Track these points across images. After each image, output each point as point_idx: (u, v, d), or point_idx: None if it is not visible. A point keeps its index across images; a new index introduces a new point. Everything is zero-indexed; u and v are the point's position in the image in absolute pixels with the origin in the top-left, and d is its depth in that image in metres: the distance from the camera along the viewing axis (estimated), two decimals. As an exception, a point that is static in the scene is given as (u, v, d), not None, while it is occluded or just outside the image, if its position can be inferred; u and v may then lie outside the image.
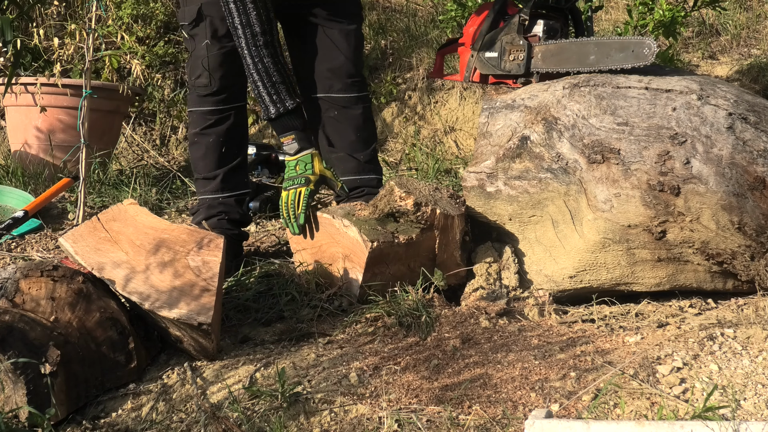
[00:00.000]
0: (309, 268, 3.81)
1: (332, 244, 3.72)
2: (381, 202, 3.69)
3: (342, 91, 4.28)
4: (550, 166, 3.54)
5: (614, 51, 3.66)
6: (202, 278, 3.31)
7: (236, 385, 3.13)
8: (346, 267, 3.68)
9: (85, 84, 5.15)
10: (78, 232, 3.52)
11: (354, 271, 3.65)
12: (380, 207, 3.69)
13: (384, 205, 3.67)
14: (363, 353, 3.27)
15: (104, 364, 3.25)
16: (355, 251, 3.62)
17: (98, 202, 5.64)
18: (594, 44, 3.73)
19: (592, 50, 3.72)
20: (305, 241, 3.84)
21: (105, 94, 6.11)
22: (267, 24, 3.92)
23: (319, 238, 3.79)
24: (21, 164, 6.19)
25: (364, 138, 4.34)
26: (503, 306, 3.50)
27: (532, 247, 3.64)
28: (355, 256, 3.62)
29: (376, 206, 3.71)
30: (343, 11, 4.29)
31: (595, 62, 3.70)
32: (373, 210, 3.71)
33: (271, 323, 3.67)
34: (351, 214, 3.71)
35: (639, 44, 3.61)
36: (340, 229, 3.65)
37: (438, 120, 7.02)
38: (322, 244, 3.77)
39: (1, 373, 3.06)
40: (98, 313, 3.27)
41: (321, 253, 3.79)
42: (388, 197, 3.67)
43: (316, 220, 3.80)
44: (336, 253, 3.72)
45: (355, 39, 4.34)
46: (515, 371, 3.01)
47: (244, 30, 3.89)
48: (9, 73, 6.26)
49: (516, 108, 3.73)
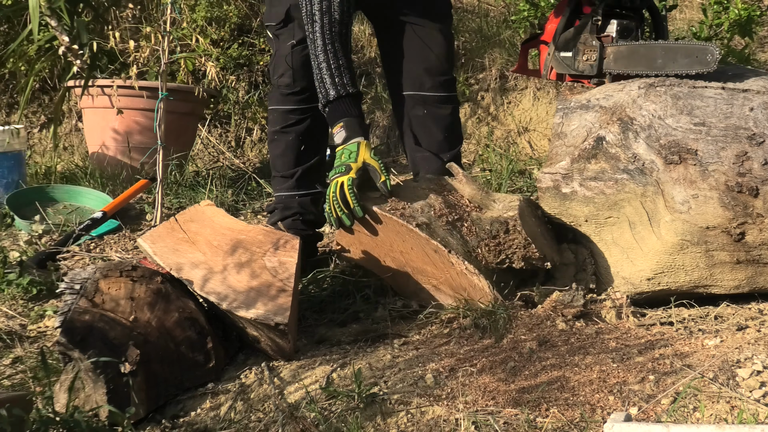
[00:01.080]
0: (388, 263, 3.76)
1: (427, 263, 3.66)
2: (514, 254, 3.60)
3: (433, 89, 4.25)
4: (627, 166, 3.51)
5: (680, 56, 3.63)
6: (279, 279, 3.33)
7: (313, 385, 3.14)
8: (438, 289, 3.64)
9: (161, 86, 5.19)
10: (156, 233, 3.54)
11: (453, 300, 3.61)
12: (512, 259, 3.59)
13: (516, 259, 3.59)
14: (439, 355, 3.26)
15: (183, 363, 3.28)
16: (473, 293, 3.54)
17: (175, 203, 5.68)
18: (661, 48, 3.70)
19: (660, 54, 3.69)
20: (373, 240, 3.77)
21: (181, 96, 6.16)
22: (346, 15, 3.90)
23: (401, 246, 3.72)
24: (99, 166, 6.26)
25: (451, 138, 4.31)
26: (580, 308, 3.48)
27: (608, 248, 3.61)
28: (468, 296, 3.57)
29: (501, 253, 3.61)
30: (435, 10, 4.28)
31: (661, 66, 3.67)
32: (497, 256, 3.60)
33: (346, 324, 3.67)
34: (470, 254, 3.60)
35: (703, 51, 3.57)
36: (458, 267, 3.55)
37: (511, 120, 6.99)
38: (410, 258, 3.70)
39: (82, 373, 3.09)
40: (177, 313, 3.30)
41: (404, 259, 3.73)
42: (524, 252, 3.59)
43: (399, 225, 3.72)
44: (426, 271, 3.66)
45: (447, 38, 4.32)
46: (593, 374, 2.99)
47: (322, 15, 3.85)
48: (86, 76, 6.35)
49: (591, 108, 3.70)
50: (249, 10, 7.71)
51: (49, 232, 5.24)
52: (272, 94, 4.41)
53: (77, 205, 5.70)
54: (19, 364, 3.69)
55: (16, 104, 7.71)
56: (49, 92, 7.89)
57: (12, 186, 5.85)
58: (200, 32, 7.28)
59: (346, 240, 3.81)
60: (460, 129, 4.43)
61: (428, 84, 4.23)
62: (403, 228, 3.62)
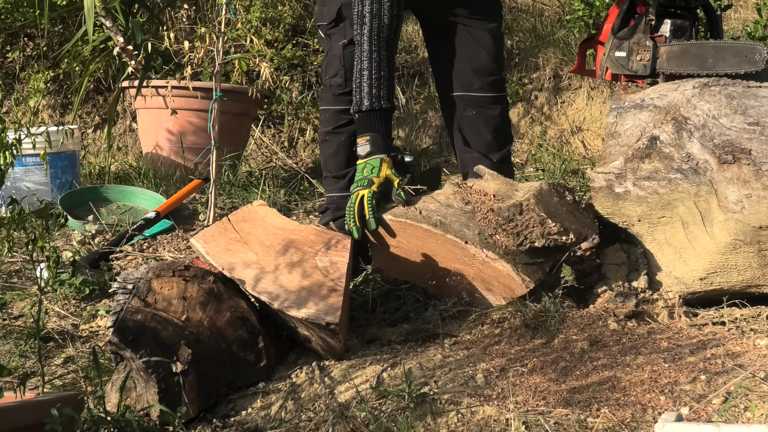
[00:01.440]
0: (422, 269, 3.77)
1: (454, 261, 3.67)
2: (531, 232, 3.59)
3: (482, 90, 4.24)
4: (680, 166, 3.50)
5: (729, 55, 3.61)
6: (330, 279, 3.34)
7: (363, 384, 3.15)
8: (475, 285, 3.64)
9: (215, 87, 5.23)
10: (209, 233, 3.57)
11: (489, 294, 3.62)
12: (530, 238, 3.59)
13: (535, 237, 3.58)
14: (489, 354, 3.26)
15: (234, 362, 3.30)
16: (500, 282, 3.57)
17: (228, 204, 5.71)
18: (711, 47, 3.68)
19: (710, 53, 3.67)
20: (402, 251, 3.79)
21: (235, 97, 6.18)
22: (396, 20, 3.90)
23: (425, 249, 3.73)
24: (152, 166, 6.31)
25: (500, 139, 4.30)
26: (632, 308, 3.46)
27: (661, 248, 3.59)
28: (501, 286, 3.57)
29: (519, 235, 3.60)
30: (486, 10, 4.27)
31: (712, 65, 3.65)
32: (515, 239, 3.60)
33: (397, 324, 3.68)
34: (488, 241, 3.62)
35: (751, 50, 3.56)
36: (478, 257, 3.59)
37: (565, 120, 6.97)
38: (438, 260, 3.71)
39: (133, 372, 3.12)
40: (229, 312, 3.32)
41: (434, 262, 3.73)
42: (541, 229, 3.58)
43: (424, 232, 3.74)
44: (453, 268, 3.67)
45: (496, 37, 4.31)
46: (644, 374, 2.98)
47: (372, 18, 3.85)
48: (140, 76, 6.40)
49: (645, 108, 3.69)
50: (303, 11, 7.74)
51: (102, 232, 5.29)
52: (324, 94, 4.42)
53: (130, 205, 5.75)
54: (71, 364, 3.73)
55: (71, 104, 7.77)
56: (104, 93, 7.96)
57: (66, 186, 5.91)
58: (254, 33, 7.31)
59: (383, 262, 3.86)
60: (510, 129, 4.41)
61: (477, 84, 4.22)
62: (418, 230, 3.65)
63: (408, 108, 7.41)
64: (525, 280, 3.51)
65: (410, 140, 7.19)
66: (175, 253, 4.86)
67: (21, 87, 7.85)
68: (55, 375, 3.65)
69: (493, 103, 4.24)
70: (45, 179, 5.88)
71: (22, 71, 7.90)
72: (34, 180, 5.87)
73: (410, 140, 7.19)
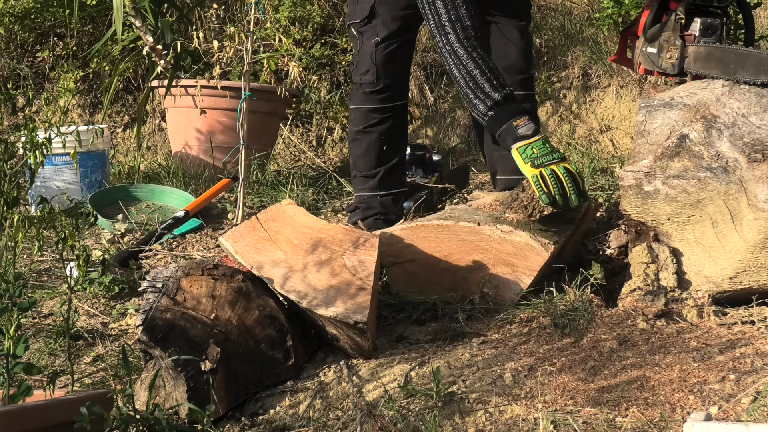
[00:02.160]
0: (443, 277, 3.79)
1: (471, 251, 3.69)
2: (538, 202, 3.63)
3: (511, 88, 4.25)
4: (710, 165, 3.49)
5: (749, 63, 3.59)
6: (358, 277, 3.34)
7: (391, 383, 3.15)
8: (495, 275, 3.66)
9: (244, 86, 5.25)
10: (238, 232, 3.58)
11: (512, 277, 3.63)
12: (538, 208, 3.63)
13: (543, 206, 3.62)
14: (518, 353, 3.26)
15: (263, 361, 3.31)
16: (522, 256, 3.60)
17: (257, 202, 5.73)
18: (734, 53, 3.65)
19: (732, 59, 3.65)
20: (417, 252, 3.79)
21: (263, 96, 6.20)
22: (476, 19, 3.86)
23: (441, 249, 3.74)
24: (182, 165, 6.33)
25: None
26: (661, 307, 3.46)
27: (690, 247, 3.58)
28: (522, 261, 3.60)
29: (527, 207, 3.66)
30: (518, 8, 4.28)
31: (733, 71, 3.63)
32: (525, 211, 3.67)
33: (425, 322, 3.68)
34: (499, 219, 3.67)
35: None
36: (494, 235, 3.61)
37: (594, 119, 6.95)
38: (456, 258, 3.72)
39: (162, 370, 3.13)
40: (257, 311, 3.33)
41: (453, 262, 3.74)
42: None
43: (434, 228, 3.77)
44: (475, 262, 3.68)
45: (525, 36, 4.32)
46: (673, 373, 2.98)
47: (453, 26, 3.78)
48: (169, 76, 6.43)
49: (674, 106, 3.68)
50: (332, 10, 7.75)
51: (132, 231, 5.32)
52: (354, 93, 4.43)
53: (160, 204, 5.78)
54: (100, 362, 3.76)
55: (100, 104, 7.81)
56: (133, 92, 7.99)
57: (95, 185, 5.94)
58: (283, 32, 7.33)
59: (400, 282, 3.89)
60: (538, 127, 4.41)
61: (507, 82, 4.22)
62: (429, 229, 3.73)
63: (436, 107, 7.42)
64: (544, 243, 3.57)
65: (438, 139, 7.19)
66: (204, 252, 4.87)
67: (51, 86, 7.89)
68: (84, 373, 3.67)
69: (522, 101, 4.22)
70: (75, 178, 5.91)
71: (52, 71, 7.95)
72: (63, 179, 5.90)
73: (438, 139, 7.19)
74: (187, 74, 6.70)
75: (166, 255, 4.87)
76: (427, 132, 7.29)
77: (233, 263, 3.53)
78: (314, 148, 7.42)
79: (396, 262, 3.82)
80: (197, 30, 6.47)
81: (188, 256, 4.80)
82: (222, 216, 5.61)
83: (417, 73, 7.48)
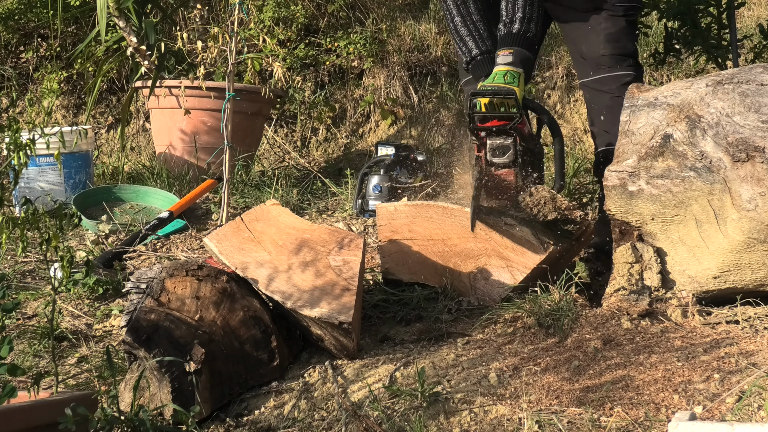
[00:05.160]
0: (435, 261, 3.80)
1: (470, 239, 3.69)
2: (544, 207, 3.66)
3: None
4: (694, 164, 3.49)
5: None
6: (343, 278, 3.34)
7: (376, 384, 3.15)
8: (488, 267, 3.66)
9: (228, 86, 5.24)
10: (222, 233, 3.58)
11: (505, 271, 3.64)
12: (543, 212, 3.66)
13: (548, 211, 3.64)
14: (502, 353, 3.27)
15: (247, 362, 3.31)
16: (520, 251, 3.60)
17: (241, 203, 5.73)
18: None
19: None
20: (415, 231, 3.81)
21: (247, 97, 6.20)
22: None
23: (439, 232, 3.76)
24: (166, 166, 6.32)
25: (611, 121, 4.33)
26: (645, 307, 3.46)
27: (675, 247, 3.58)
28: (518, 257, 3.60)
29: (532, 209, 3.68)
30: None
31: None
32: (529, 212, 3.69)
33: (410, 322, 3.68)
34: (505, 212, 3.69)
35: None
36: (496, 226, 3.63)
37: (578, 118, 6.97)
38: (453, 243, 3.74)
39: (147, 371, 3.13)
40: (242, 311, 3.33)
41: (448, 248, 3.76)
42: (552, 203, 3.67)
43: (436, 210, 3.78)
44: (471, 250, 3.70)
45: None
46: (658, 373, 2.98)
47: None
48: (153, 76, 6.41)
49: (658, 106, 3.68)
50: (316, 10, 7.75)
51: (116, 232, 5.31)
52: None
53: (144, 205, 5.77)
54: (85, 364, 3.75)
55: (84, 105, 7.80)
56: (117, 93, 7.98)
57: (79, 186, 5.93)
58: (267, 32, 7.33)
59: (393, 261, 3.89)
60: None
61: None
62: (434, 209, 3.76)
63: (420, 107, 7.42)
64: (544, 241, 3.58)
65: (423, 139, 7.19)
66: (189, 253, 4.87)
67: (35, 87, 7.88)
68: (68, 374, 3.66)
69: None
70: (59, 179, 5.89)
71: (36, 71, 7.94)
72: (47, 180, 5.89)
73: (423, 139, 7.19)
74: (171, 75, 6.69)
75: (150, 256, 4.86)
76: (412, 132, 7.30)
77: (218, 264, 3.53)
78: (299, 149, 7.42)
79: (392, 237, 3.83)
80: (181, 30, 6.44)
81: (172, 257, 4.79)
82: (206, 217, 5.61)
83: (401, 73, 7.49)
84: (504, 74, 3.83)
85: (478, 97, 3.78)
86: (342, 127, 7.54)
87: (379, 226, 3.82)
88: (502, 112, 3.77)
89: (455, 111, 7.14)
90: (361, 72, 7.69)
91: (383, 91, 7.48)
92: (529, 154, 4.00)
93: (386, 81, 7.50)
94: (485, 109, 3.78)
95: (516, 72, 3.84)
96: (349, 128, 7.54)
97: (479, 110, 3.79)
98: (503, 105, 3.76)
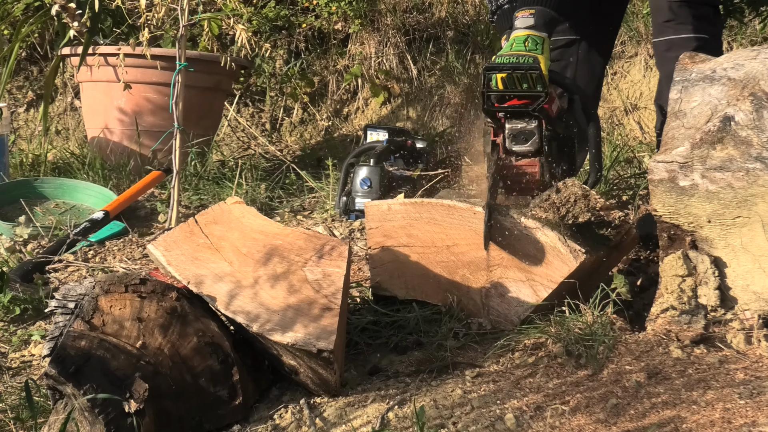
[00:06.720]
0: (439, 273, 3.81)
1: (480, 246, 3.69)
2: (575, 206, 3.67)
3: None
4: (761, 153, 3.51)
5: None
6: (323, 294, 3.36)
7: (364, 427, 3.17)
8: (504, 281, 3.68)
9: (178, 55, 5.25)
10: (171, 238, 3.59)
11: (525, 286, 3.65)
12: (573, 212, 3.67)
13: (580, 211, 3.65)
14: (521, 389, 3.28)
15: (203, 399, 3.32)
16: (542, 261, 3.61)
17: (195, 201, 5.74)
18: None
19: None
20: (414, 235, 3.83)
21: (203, 68, 6.22)
22: None
23: (445, 238, 3.77)
24: (100, 154, 6.33)
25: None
26: (700, 331, 3.48)
27: (736, 256, 3.60)
28: (542, 268, 3.61)
29: (560, 209, 3.69)
30: None
31: None
32: (557, 212, 3.69)
33: (406, 350, 3.69)
34: (525, 213, 3.69)
35: None
36: (515, 229, 3.63)
37: (617, 96, 6.99)
38: (461, 251, 3.75)
39: (76, 412, 3.14)
40: (195, 337, 3.34)
41: (455, 258, 3.77)
42: (585, 202, 3.67)
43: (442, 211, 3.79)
44: (483, 260, 3.71)
45: None
46: (715, 413, 3.00)
47: None
48: (85, 42, 6.42)
49: (717, 80, 3.70)
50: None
51: (37, 237, 5.32)
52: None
53: (72, 203, 5.78)
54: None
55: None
56: (39, 62, 8.00)
57: (-9, 180, 5.95)
58: (228, -14, 7.35)
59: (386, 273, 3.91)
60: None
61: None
62: (438, 209, 3.77)
63: (420, 81, 7.44)
64: (575, 249, 3.56)
65: (423, 122, 7.21)
66: (129, 264, 4.88)
67: (-65, 55, 7.89)
68: (-23, 416, 3.67)
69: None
70: (-35, 171, 5.92)
71: (-63, 35, 7.95)
72: (-49, 171, 5.91)
73: (423, 122, 7.21)
74: (108, 40, 6.70)
75: (80, 267, 4.87)
76: (410, 113, 7.32)
77: (165, 277, 3.54)
78: (268, 133, 7.44)
79: (384, 244, 3.83)
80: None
81: (108, 269, 4.80)
82: (151, 218, 5.62)
83: (396, 39, 7.50)
84: (524, 40, 3.85)
85: (494, 71, 3.79)
86: (322, 106, 7.57)
87: (369, 230, 3.83)
88: (524, 89, 3.79)
89: (462, 86, 7.16)
90: (347, 37, 7.71)
91: (374, 61, 7.49)
92: (557, 141, 4.02)
93: (377, 48, 7.51)
94: (503, 86, 3.79)
95: (539, 37, 3.86)
96: (330, 107, 7.56)
97: (496, 88, 3.80)
98: (525, 81, 3.77)
